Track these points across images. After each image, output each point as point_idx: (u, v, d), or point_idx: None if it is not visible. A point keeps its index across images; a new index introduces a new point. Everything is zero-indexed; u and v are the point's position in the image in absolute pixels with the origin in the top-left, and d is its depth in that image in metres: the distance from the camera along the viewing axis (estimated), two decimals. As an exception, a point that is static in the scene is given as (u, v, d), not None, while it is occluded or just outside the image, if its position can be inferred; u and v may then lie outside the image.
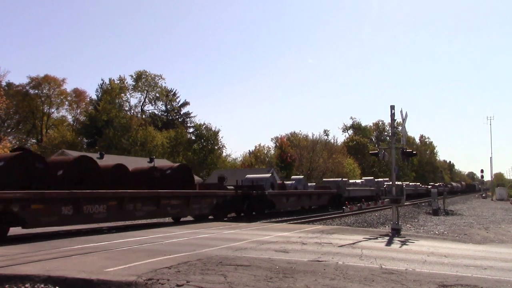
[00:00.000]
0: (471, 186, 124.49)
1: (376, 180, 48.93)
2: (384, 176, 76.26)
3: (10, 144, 49.30)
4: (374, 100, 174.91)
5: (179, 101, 79.83)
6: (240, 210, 24.29)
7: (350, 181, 46.38)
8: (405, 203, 22.44)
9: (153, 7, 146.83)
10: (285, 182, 32.35)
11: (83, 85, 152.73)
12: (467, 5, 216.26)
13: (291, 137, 74.74)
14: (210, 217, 21.18)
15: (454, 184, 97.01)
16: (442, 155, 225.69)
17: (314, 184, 35.05)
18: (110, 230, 15.54)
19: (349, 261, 8.75)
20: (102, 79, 72.78)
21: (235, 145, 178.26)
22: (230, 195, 22.51)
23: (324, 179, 41.99)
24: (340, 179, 40.42)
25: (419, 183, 71.27)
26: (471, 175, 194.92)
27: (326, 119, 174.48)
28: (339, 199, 34.56)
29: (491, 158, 75.13)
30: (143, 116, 71.41)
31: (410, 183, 63.61)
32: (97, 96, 67.07)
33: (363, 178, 52.87)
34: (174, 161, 58.56)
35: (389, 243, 12.20)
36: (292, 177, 35.33)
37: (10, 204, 12.06)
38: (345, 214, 24.03)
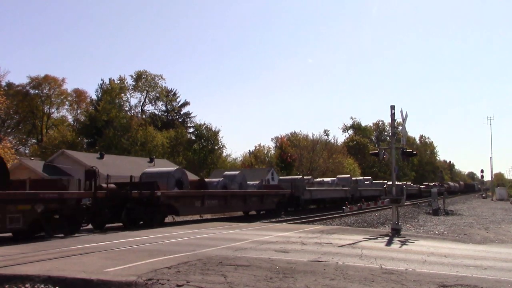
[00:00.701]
0: (470, 186, 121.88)
1: (354, 178, 43.42)
2: (385, 176, 76.33)
3: (10, 144, 49.33)
4: (374, 100, 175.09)
5: (179, 101, 79.80)
6: (117, 219, 17.29)
7: (317, 179, 40.55)
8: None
9: (153, 7, 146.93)
10: (206, 179, 25.39)
11: (83, 85, 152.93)
12: (468, 5, 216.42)
13: (291, 137, 74.74)
14: (41, 234, 13.86)
15: (451, 183, 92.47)
16: (442, 155, 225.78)
17: (258, 182, 28.89)
18: (110, 230, 15.54)
19: (349, 261, 8.75)
20: (102, 79, 72.80)
21: (235, 145, 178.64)
22: (75, 199, 14.80)
23: (280, 177, 35.42)
24: (300, 176, 34.64)
25: (410, 183, 68.40)
26: (471, 175, 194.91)
27: (326, 119, 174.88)
28: (297, 202, 29.49)
29: (491, 158, 74.88)
30: (143, 116, 71.38)
31: (400, 183, 61.58)
32: (97, 96, 67.07)
33: (337, 176, 45.57)
34: (174, 161, 58.61)
35: (389, 243, 12.20)
36: (225, 173, 28.78)
37: None
38: (345, 214, 24.03)
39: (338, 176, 44.82)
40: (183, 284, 6.61)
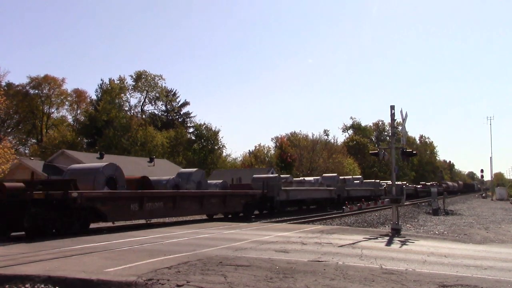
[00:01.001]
0: (469, 185, 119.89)
1: (342, 177, 39.73)
2: (385, 176, 76.28)
3: (10, 144, 49.34)
4: (374, 100, 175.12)
5: (179, 101, 79.85)
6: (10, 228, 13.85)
7: (298, 178, 37.27)
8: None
9: (153, 7, 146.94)
10: (154, 177, 21.77)
11: (83, 85, 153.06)
12: (468, 5, 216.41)
13: (291, 137, 74.73)
14: None
15: (450, 183, 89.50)
16: (442, 155, 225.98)
17: (221, 181, 25.50)
18: (110, 230, 15.53)
19: (349, 261, 8.75)
20: (102, 79, 72.80)
21: (235, 145, 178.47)
22: None
23: (254, 176, 31.08)
24: (276, 175, 31.22)
25: (405, 182, 65.73)
26: (471, 175, 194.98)
27: (326, 119, 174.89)
28: (271, 203, 26.30)
29: (491, 158, 74.97)
30: (143, 116, 71.40)
31: (400, 183, 57.93)
32: (97, 96, 67.12)
33: (322, 175, 41.38)
34: (174, 161, 58.65)
35: (389, 243, 12.20)
36: (180, 170, 25.11)
37: None
38: (345, 214, 24.04)
39: (323, 175, 40.62)
40: (183, 284, 6.61)
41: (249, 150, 79.69)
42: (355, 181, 43.40)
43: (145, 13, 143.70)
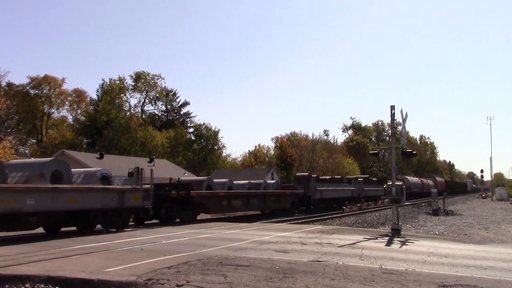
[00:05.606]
0: (459, 185, 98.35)
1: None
2: (385, 176, 76.19)
3: (10, 144, 49.31)
4: (374, 100, 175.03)
5: (179, 101, 79.74)
6: None
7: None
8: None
9: (153, 7, 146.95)
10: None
11: (83, 85, 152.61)
12: (467, 5, 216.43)
13: (291, 137, 74.70)
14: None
15: (412, 179, 57.48)
16: (442, 155, 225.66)
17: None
18: (110, 231, 15.53)
19: (349, 261, 8.75)
20: (102, 79, 72.79)
21: (235, 145, 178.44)
22: None
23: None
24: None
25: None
26: (471, 175, 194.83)
27: (326, 119, 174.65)
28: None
29: (491, 158, 75.23)
30: (143, 116, 71.38)
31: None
32: (98, 96, 67.06)
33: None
34: (174, 161, 58.64)
35: (389, 243, 12.20)
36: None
37: None
38: (345, 214, 24.03)
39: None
40: (183, 284, 6.61)
41: (249, 150, 79.61)
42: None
43: (145, 13, 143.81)
